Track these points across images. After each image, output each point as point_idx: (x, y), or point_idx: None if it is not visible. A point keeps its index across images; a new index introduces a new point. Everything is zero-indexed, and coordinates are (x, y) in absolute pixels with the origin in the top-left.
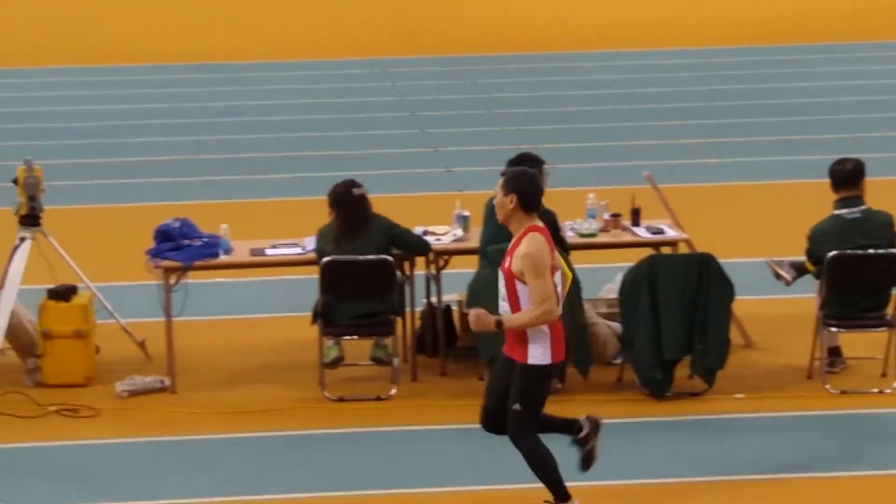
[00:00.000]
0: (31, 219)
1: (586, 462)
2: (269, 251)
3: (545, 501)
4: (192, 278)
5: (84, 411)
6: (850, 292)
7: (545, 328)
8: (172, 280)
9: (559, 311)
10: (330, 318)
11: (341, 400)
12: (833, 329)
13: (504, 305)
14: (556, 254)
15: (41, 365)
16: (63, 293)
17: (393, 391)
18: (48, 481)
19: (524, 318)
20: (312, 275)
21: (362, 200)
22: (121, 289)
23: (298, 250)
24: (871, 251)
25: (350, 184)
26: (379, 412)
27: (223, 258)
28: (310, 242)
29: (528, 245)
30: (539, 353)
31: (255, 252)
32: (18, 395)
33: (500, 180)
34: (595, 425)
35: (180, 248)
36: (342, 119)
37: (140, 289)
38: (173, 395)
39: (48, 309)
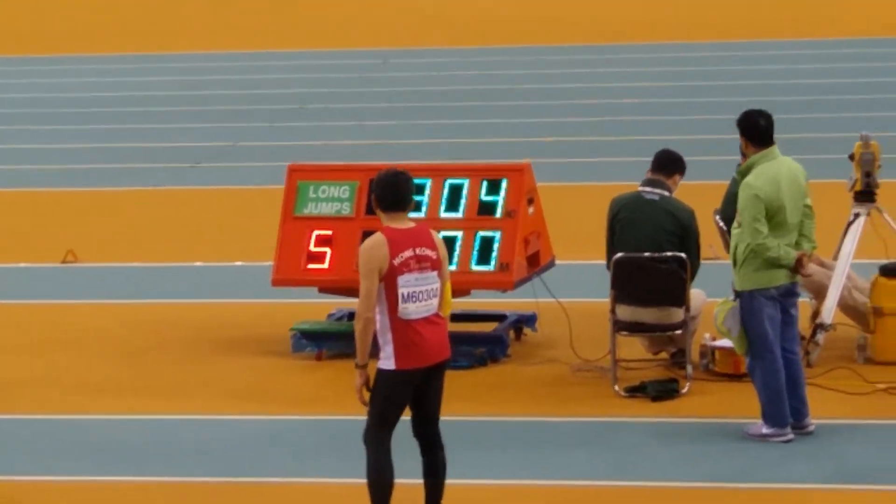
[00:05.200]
0: (865, 195)
1: None
2: None
3: None
4: None
5: None
6: None
7: (388, 333)
8: None
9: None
10: None
11: None
12: None
13: None
14: (416, 262)
15: (871, 341)
16: (895, 270)
17: None
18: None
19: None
20: None
21: None
22: None
23: None
24: None
25: None
26: None
27: None
28: None
29: (365, 242)
30: (384, 357)
31: None
32: (846, 371)
33: None
34: None
35: None
36: None
37: None
38: None
39: (880, 286)
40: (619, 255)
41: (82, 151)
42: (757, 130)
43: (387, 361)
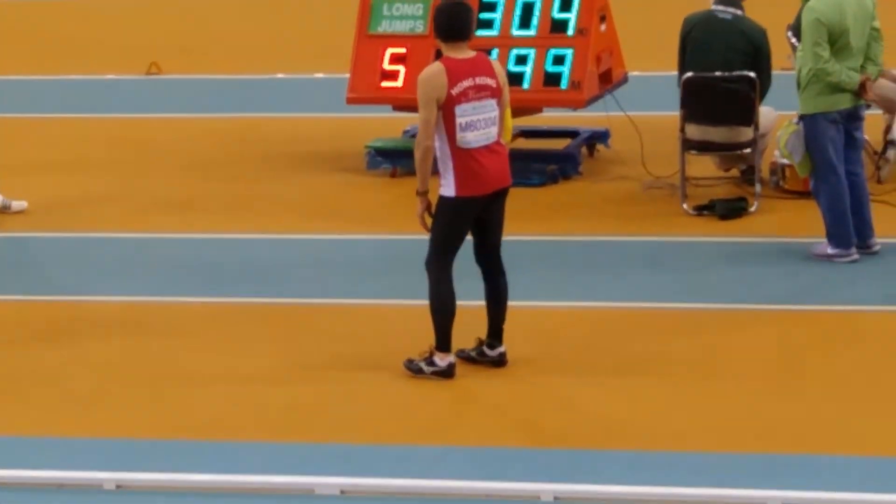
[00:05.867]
0: None
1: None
2: None
3: (429, 346)
4: None
5: None
6: None
7: (448, 161)
8: None
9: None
10: None
11: None
12: None
13: None
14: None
15: None
16: None
17: None
18: None
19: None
20: None
21: None
22: None
23: None
24: None
25: None
26: None
27: None
28: None
29: (423, 72)
30: (444, 185)
31: None
32: None
33: None
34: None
35: None
36: None
37: None
38: None
39: None
40: (689, 74)
41: None
42: None
43: (447, 188)
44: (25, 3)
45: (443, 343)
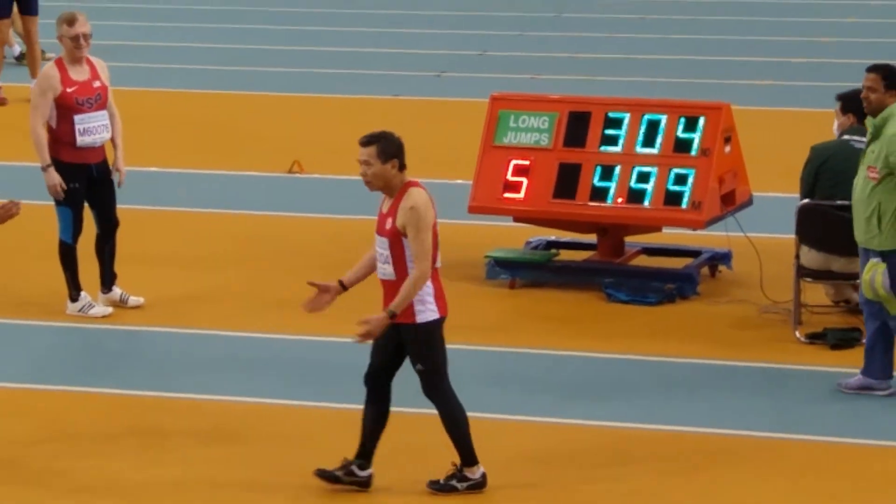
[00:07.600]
0: None
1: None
2: None
3: (452, 464)
4: None
5: None
6: None
7: (428, 284)
8: None
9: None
10: None
11: None
12: None
13: (387, 269)
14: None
15: None
16: None
17: None
18: None
19: (407, 290)
20: None
21: None
22: None
23: None
24: None
25: None
26: None
27: None
28: None
29: (415, 199)
30: (422, 310)
31: None
32: None
33: (374, 148)
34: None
35: None
36: None
37: None
38: None
39: None
40: (805, 202)
41: (320, 55)
42: None
43: (429, 313)
44: (167, 94)
45: (470, 457)
